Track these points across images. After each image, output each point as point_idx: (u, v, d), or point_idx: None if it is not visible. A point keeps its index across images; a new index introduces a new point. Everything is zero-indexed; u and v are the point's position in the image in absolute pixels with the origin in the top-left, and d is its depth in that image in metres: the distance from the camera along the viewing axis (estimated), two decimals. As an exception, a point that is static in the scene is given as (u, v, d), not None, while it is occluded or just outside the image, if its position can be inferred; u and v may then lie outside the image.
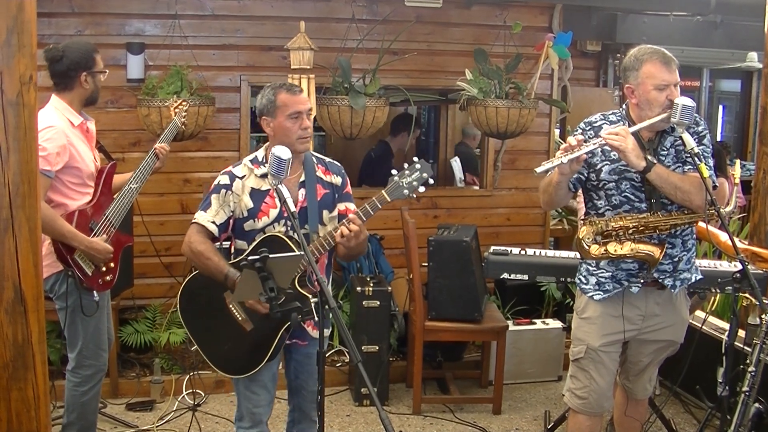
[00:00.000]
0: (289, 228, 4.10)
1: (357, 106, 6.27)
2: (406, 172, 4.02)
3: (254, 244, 4.06)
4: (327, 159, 4.38)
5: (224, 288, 4.07)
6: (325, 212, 4.20)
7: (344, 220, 4.02)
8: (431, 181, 4.03)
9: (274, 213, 4.09)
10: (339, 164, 4.41)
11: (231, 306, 4.10)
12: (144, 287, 6.73)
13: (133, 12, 6.71)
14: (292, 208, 3.61)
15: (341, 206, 4.27)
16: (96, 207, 4.67)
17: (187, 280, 4.28)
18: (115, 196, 4.76)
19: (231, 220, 4.16)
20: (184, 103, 5.57)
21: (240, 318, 4.09)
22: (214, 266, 4.04)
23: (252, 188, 4.13)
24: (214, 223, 4.11)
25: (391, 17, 7.05)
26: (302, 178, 4.17)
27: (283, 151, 3.64)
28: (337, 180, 4.30)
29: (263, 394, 4.23)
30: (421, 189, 4.02)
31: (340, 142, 8.96)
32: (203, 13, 6.83)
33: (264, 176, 4.12)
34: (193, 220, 4.17)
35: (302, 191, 4.16)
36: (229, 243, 4.28)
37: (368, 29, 6.86)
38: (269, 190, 4.09)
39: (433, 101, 8.52)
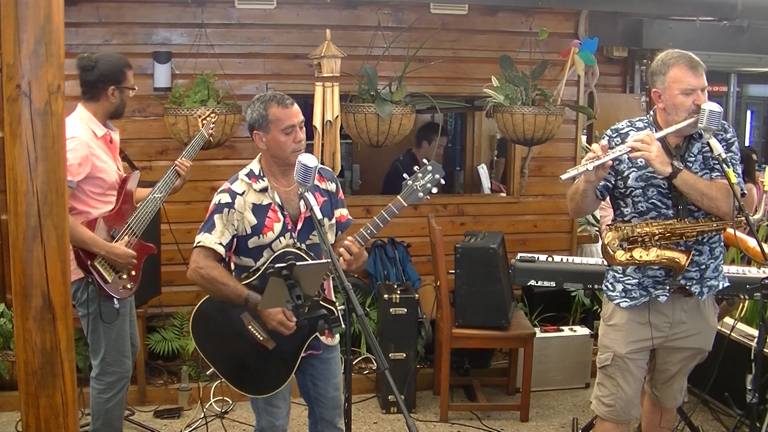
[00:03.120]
0: (294, 240, 4.04)
1: (383, 113, 6.27)
2: (419, 174, 3.97)
3: (269, 260, 4.01)
4: (319, 165, 4.29)
5: (240, 310, 4.01)
6: (325, 220, 4.06)
7: (342, 248, 3.93)
8: (442, 181, 3.99)
9: (278, 227, 4.03)
10: (331, 170, 4.35)
11: (250, 327, 4.03)
12: (171, 295, 6.75)
13: (160, 21, 6.76)
14: (319, 216, 3.58)
15: (336, 213, 4.22)
16: (117, 215, 4.69)
17: (196, 308, 4.18)
18: (137, 205, 4.78)
19: (235, 239, 4.07)
20: (213, 114, 5.59)
21: (261, 338, 4.02)
22: (231, 291, 3.96)
23: (253, 204, 4.04)
24: (221, 244, 4.02)
25: (417, 25, 7.05)
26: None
27: (309, 159, 3.60)
28: (332, 186, 4.23)
29: (283, 406, 4.20)
30: (434, 190, 3.98)
31: (366, 150, 8.97)
32: (229, 22, 6.86)
33: (264, 190, 4.06)
34: (198, 244, 4.05)
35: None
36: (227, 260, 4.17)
37: (394, 37, 6.87)
38: (270, 204, 4.04)
39: (460, 108, 8.51)
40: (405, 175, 4.00)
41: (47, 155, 2.94)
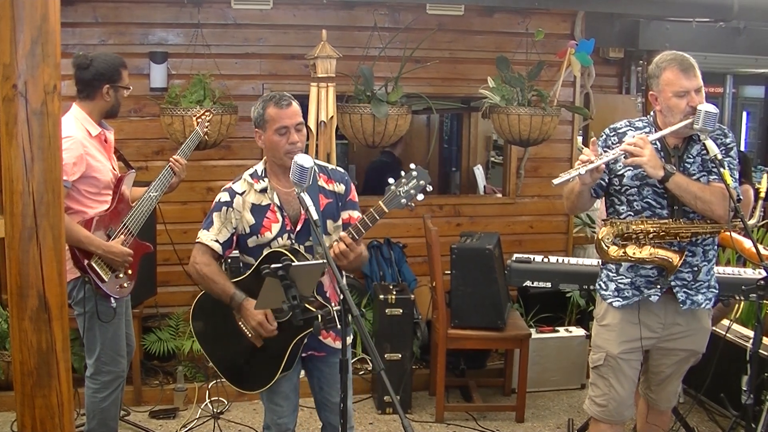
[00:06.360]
0: (292, 241, 4.02)
1: (379, 114, 6.26)
2: (403, 180, 3.81)
3: (257, 262, 4.02)
4: (330, 166, 4.28)
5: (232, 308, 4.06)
6: (329, 222, 4.08)
7: (335, 241, 3.93)
8: (429, 188, 3.83)
9: (276, 227, 4.02)
10: (342, 171, 4.29)
11: (240, 323, 4.07)
12: (167, 295, 6.76)
13: (157, 21, 6.76)
14: (315, 216, 3.56)
15: (345, 215, 4.15)
16: (114, 214, 4.69)
17: (197, 299, 4.26)
18: (133, 204, 4.78)
19: (234, 237, 4.11)
20: (207, 113, 5.58)
21: (250, 335, 4.05)
22: (219, 289, 4.03)
23: (252, 204, 4.06)
24: (217, 241, 4.07)
25: (413, 25, 7.06)
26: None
27: (305, 159, 3.59)
28: (340, 188, 4.17)
29: (286, 404, 4.20)
30: (420, 197, 3.81)
31: (362, 151, 8.97)
32: (226, 22, 6.86)
33: (263, 191, 4.06)
34: (197, 240, 4.13)
35: None
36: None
37: (390, 37, 6.86)
38: (269, 204, 4.04)
39: (456, 109, 8.51)
40: (390, 180, 3.86)
41: (43, 155, 2.94)
